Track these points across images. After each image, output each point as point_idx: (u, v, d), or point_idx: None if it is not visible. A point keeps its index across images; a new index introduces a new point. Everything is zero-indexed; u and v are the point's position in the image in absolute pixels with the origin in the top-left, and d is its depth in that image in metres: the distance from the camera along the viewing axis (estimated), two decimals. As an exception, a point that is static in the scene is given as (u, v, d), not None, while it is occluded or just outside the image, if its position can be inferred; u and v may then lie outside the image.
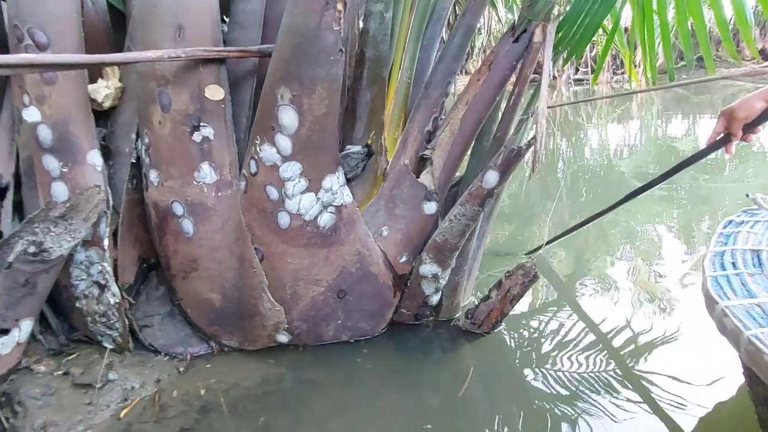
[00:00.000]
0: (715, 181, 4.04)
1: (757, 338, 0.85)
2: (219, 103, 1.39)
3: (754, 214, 1.39)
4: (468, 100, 1.46)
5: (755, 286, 1.03)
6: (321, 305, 1.56)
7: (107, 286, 1.41)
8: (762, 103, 1.33)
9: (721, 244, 1.25)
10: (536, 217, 3.23)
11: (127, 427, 1.32)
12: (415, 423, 1.38)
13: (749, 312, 0.94)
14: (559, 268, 2.41)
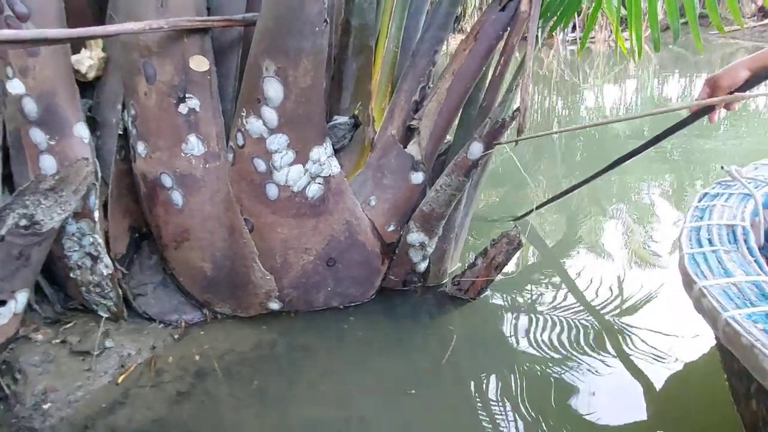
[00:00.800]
0: (709, 142, 4.06)
1: (734, 320, 0.86)
2: (204, 74, 1.38)
3: (728, 186, 1.39)
4: (454, 70, 1.46)
5: (731, 264, 1.03)
6: (311, 273, 1.60)
7: (99, 258, 1.44)
8: (746, 72, 1.34)
9: (696, 219, 1.25)
10: (528, 180, 3.25)
11: (125, 392, 1.37)
12: (403, 385, 1.44)
13: (726, 292, 0.94)
14: (549, 231, 2.46)
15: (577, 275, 2.03)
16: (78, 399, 1.33)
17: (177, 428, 1.28)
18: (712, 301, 0.92)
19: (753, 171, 1.45)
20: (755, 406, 0.96)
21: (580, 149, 4.05)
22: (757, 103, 5.87)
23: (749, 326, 0.82)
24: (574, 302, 1.84)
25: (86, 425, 1.27)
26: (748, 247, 1.08)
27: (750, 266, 1.01)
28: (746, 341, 0.80)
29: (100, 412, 1.31)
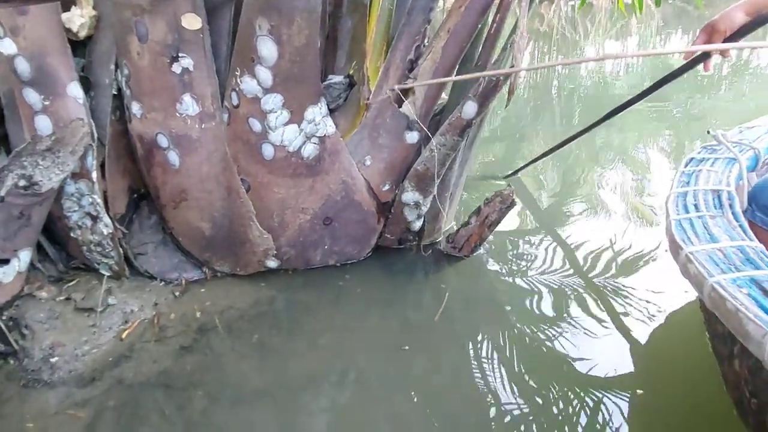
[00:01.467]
0: (710, 99, 4.05)
1: (720, 285, 0.88)
2: (197, 32, 1.37)
3: (714, 151, 1.40)
4: (449, 28, 1.45)
5: (717, 229, 1.05)
6: (308, 232, 1.63)
7: (99, 217, 1.46)
8: (742, 15, 1.29)
9: (683, 184, 1.26)
10: (527, 139, 3.25)
11: (129, 346, 1.42)
12: (399, 338, 1.49)
13: (712, 257, 0.96)
14: (546, 189, 2.48)
15: (570, 232, 2.07)
16: (85, 353, 1.38)
17: (182, 379, 1.34)
18: (698, 267, 0.94)
19: (738, 135, 1.46)
20: (737, 367, 0.98)
21: (579, 106, 4.03)
22: (759, 60, 5.80)
23: (734, 291, 0.85)
24: (567, 259, 1.88)
25: (94, 377, 1.33)
26: (733, 212, 1.10)
27: (735, 231, 1.03)
28: (731, 306, 0.82)
29: (106, 365, 1.36)
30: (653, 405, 1.25)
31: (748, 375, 0.94)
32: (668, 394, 1.27)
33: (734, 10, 1.31)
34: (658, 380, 1.32)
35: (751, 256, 0.95)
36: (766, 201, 1.18)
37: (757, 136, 1.43)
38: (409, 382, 1.35)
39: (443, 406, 1.27)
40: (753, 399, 0.94)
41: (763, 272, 0.88)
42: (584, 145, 2.89)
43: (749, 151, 1.34)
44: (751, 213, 1.21)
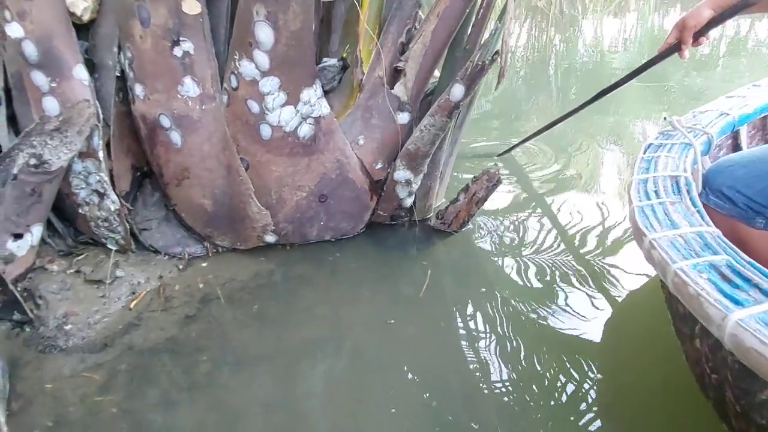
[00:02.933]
0: (707, 77, 4.10)
1: (682, 270, 0.91)
2: (197, 17, 1.43)
3: (670, 136, 1.44)
4: (439, 12, 1.51)
5: (677, 215, 1.09)
6: (304, 208, 1.71)
7: (106, 194, 1.54)
8: (709, 11, 1.40)
9: (643, 171, 1.30)
10: (524, 116, 3.31)
11: (138, 315, 1.52)
12: (392, 309, 1.59)
13: (673, 243, 0.99)
14: (540, 166, 2.56)
15: (562, 210, 2.15)
16: (96, 321, 1.48)
17: (188, 345, 1.43)
18: (661, 253, 0.98)
19: (692, 120, 1.52)
20: (698, 345, 1.03)
21: (577, 83, 4.08)
22: (757, 37, 5.83)
23: (695, 276, 0.89)
24: (556, 235, 1.97)
25: (106, 344, 1.42)
26: (691, 198, 1.15)
27: (693, 217, 1.08)
28: (693, 290, 0.87)
29: (117, 333, 1.45)
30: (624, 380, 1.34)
31: (708, 353, 0.98)
32: (635, 366, 1.37)
33: (702, 6, 1.40)
34: (632, 352, 1.41)
35: (709, 241, 0.99)
36: (718, 185, 1.23)
37: (710, 121, 1.49)
38: (400, 349, 1.44)
39: (433, 372, 1.36)
40: (713, 375, 0.99)
41: (721, 257, 0.93)
42: (581, 123, 2.96)
43: (703, 135, 1.41)
44: (705, 196, 1.26)
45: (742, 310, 0.79)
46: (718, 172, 1.27)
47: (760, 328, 0.75)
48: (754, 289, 0.85)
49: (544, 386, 1.31)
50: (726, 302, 0.82)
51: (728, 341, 0.79)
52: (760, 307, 0.80)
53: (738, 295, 0.84)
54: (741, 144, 1.74)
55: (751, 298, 0.82)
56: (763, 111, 1.66)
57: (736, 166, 1.25)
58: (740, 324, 0.77)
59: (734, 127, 1.57)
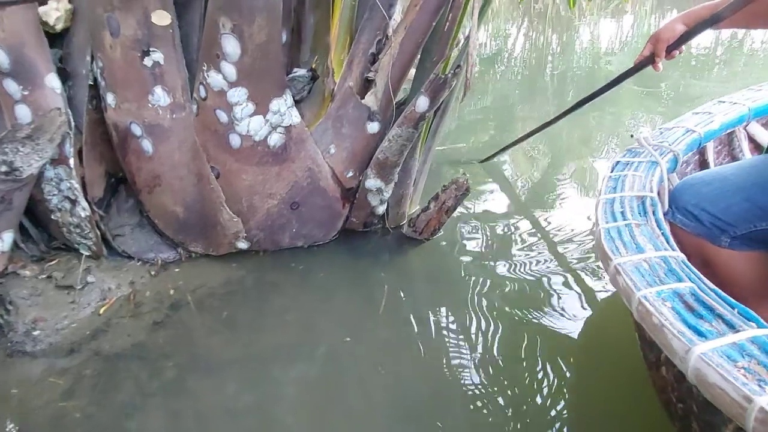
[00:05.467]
0: (703, 80, 4.14)
1: (646, 298, 0.89)
2: (166, 28, 1.45)
3: (637, 154, 1.44)
4: (406, 25, 1.53)
5: (642, 238, 1.07)
6: (276, 216, 1.73)
7: (77, 201, 1.56)
8: (682, 26, 1.42)
9: (610, 190, 1.28)
10: (518, 119, 3.34)
11: (107, 321, 1.54)
12: (363, 314, 1.60)
13: (638, 268, 0.97)
14: (530, 169, 2.58)
15: (540, 216, 2.17)
16: (64, 327, 1.50)
17: (154, 352, 1.45)
18: (626, 279, 0.95)
19: (659, 137, 1.53)
20: (665, 373, 1.02)
21: (573, 87, 4.12)
22: (753, 40, 5.87)
23: (659, 305, 0.87)
24: (533, 242, 1.98)
25: (72, 349, 1.44)
26: (656, 219, 1.13)
27: (658, 240, 1.06)
28: (656, 320, 0.85)
29: (84, 338, 1.47)
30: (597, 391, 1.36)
31: (674, 382, 0.97)
32: (603, 377, 1.39)
33: (674, 21, 1.43)
34: (601, 361, 1.43)
35: (673, 267, 0.97)
36: (684, 203, 1.23)
37: (676, 138, 1.50)
38: (370, 355, 1.46)
39: (403, 378, 1.38)
40: (679, 404, 0.98)
41: (685, 284, 0.92)
42: (577, 125, 3.00)
43: (669, 153, 1.41)
44: (671, 214, 1.26)
45: (705, 343, 0.78)
46: (684, 190, 1.26)
47: (722, 363, 0.74)
48: (717, 319, 0.83)
49: (515, 392, 1.33)
50: (689, 334, 0.80)
51: (691, 375, 0.77)
52: (722, 339, 0.78)
53: (701, 326, 0.82)
54: (708, 160, 1.76)
55: (714, 330, 0.81)
56: (729, 127, 1.68)
57: (701, 184, 1.24)
58: (703, 358, 0.75)
59: (700, 144, 1.59)
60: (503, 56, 5.43)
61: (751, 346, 0.77)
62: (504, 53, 5.60)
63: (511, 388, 1.34)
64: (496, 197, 2.37)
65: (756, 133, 1.84)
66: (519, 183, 2.51)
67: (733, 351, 0.76)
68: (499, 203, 2.32)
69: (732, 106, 1.73)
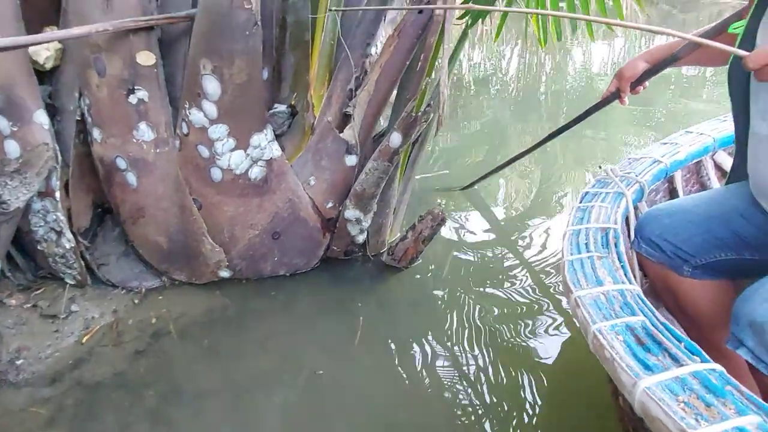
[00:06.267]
0: (695, 100, 4.23)
1: (600, 332, 0.91)
2: (151, 67, 1.52)
3: (606, 184, 1.49)
4: (381, 63, 1.60)
5: (602, 271, 1.09)
6: (257, 246, 1.78)
7: (62, 232, 1.61)
8: (644, 64, 1.49)
9: (578, 221, 1.30)
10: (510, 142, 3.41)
11: (89, 350, 1.58)
12: (343, 341, 1.64)
13: (596, 301, 0.99)
14: (509, 196, 2.63)
15: (520, 241, 2.22)
16: (47, 356, 1.53)
17: (135, 380, 1.49)
18: (584, 312, 0.98)
19: (627, 167, 1.59)
20: (621, 402, 1.05)
21: (566, 108, 4.20)
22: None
23: (612, 339, 0.90)
24: (511, 267, 2.03)
25: (55, 378, 1.48)
26: (617, 252, 1.16)
27: (617, 273, 1.09)
28: (608, 354, 0.88)
29: (66, 368, 1.51)
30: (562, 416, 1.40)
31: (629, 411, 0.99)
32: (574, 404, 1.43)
33: (637, 59, 1.51)
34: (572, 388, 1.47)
35: (628, 300, 1.00)
36: (648, 233, 1.27)
37: (643, 169, 1.55)
38: (350, 382, 1.50)
39: (384, 404, 1.42)
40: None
41: (637, 318, 0.95)
42: (570, 147, 3.07)
43: (635, 184, 1.47)
44: (637, 244, 1.30)
45: (650, 377, 0.81)
46: (648, 222, 1.30)
47: (664, 398, 0.77)
48: (663, 353, 0.86)
49: (492, 416, 1.37)
50: (636, 368, 0.83)
51: (637, 407, 0.80)
52: (667, 374, 0.81)
53: (649, 359, 0.85)
54: (677, 188, 1.82)
55: (660, 364, 0.84)
56: (695, 157, 1.74)
57: (664, 216, 1.29)
58: (647, 392, 0.78)
59: (667, 174, 1.65)
60: (498, 77, 5.54)
61: (692, 380, 0.81)
62: (499, 74, 5.71)
63: (489, 412, 1.38)
64: (476, 224, 2.42)
65: (723, 162, 1.90)
66: (500, 209, 2.56)
67: (676, 385, 0.80)
68: (480, 230, 2.37)
69: (698, 136, 1.80)
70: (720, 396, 0.78)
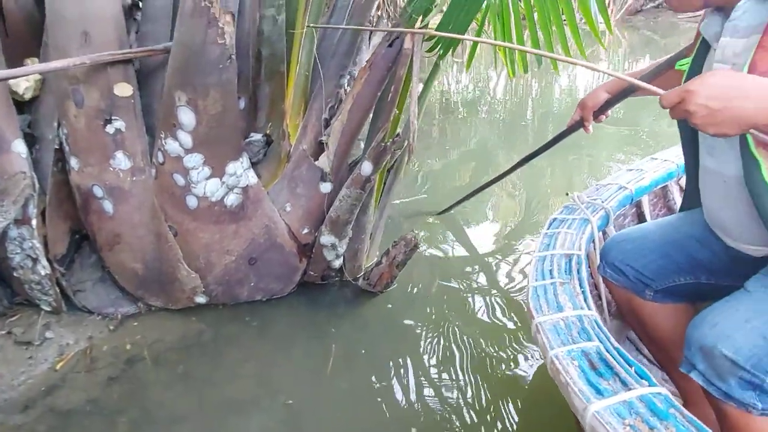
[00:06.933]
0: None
1: (557, 357, 0.93)
2: (128, 98, 1.56)
3: (573, 210, 1.52)
4: (354, 94, 1.66)
5: (563, 297, 1.11)
6: (234, 271, 1.81)
7: (38, 260, 1.62)
8: (605, 94, 1.55)
9: (544, 247, 1.33)
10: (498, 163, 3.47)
11: (62, 377, 1.58)
12: (318, 366, 1.66)
13: (556, 327, 1.01)
14: (485, 219, 2.67)
15: (499, 265, 2.24)
16: (21, 383, 1.54)
17: (108, 407, 1.50)
18: (543, 338, 1.01)
19: (594, 193, 1.63)
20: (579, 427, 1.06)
21: (552, 129, 4.29)
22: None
23: (567, 364, 0.93)
24: (487, 291, 2.06)
25: (27, 405, 1.48)
26: (579, 278, 1.20)
27: (577, 299, 1.12)
28: (563, 379, 0.91)
29: (39, 394, 1.51)
30: None
31: None
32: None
33: (599, 90, 1.57)
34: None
35: (585, 325, 1.03)
36: (612, 259, 1.30)
37: (609, 195, 1.60)
38: (325, 406, 1.51)
39: (360, 428, 1.43)
40: None
41: (592, 344, 0.98)
42: (554, 168, 3.13)
43: (601, 210, 1.52)
44: (602, 269, 1.33)
45: (600, 401, 0.83)
46: (612, 247, 1.34)
47: (612, 421, 0.80)
48: (614, 377, 0.89)
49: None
50: (588, 393, 0.86)
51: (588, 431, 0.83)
52: (616, 398, 0.84)
53: (600, 384, 0.88)
54: (644, 212, 1.87)
55: (610, 388, 0.87)
56: (659, 183, 1.79)
57: (626, 242, 1.32)
58: (596, 416, 0.81)
59: (632, 200, 1.70)
60: (486, 100, 5.65)
61: (638, 403, 0.85)
62: (487, 96, 5.83)
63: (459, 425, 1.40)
64: (453, 249, 2.45)
65: None
66: (478, 233, 2.60)
67: (624, 408, 0.83)
68: (457, 255, 2.40)
69: (663, 162, 1.85)
70: (663, 419, 0.81)
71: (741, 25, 0.91)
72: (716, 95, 0.77)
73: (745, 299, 0.98)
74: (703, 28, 1.05)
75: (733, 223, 1.10)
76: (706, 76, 0.79)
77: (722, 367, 0.92)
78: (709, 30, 1.03)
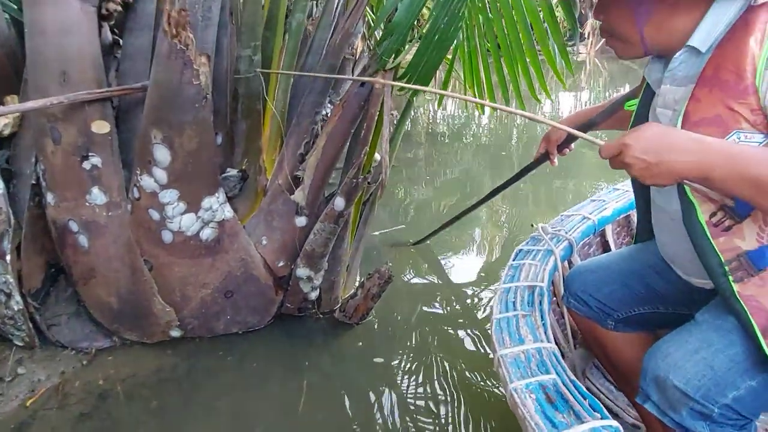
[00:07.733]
0: None
1: (516, 391, 0.95)
2: (105, 135, 1.59)
3: (538, 241, 1.56)
4: (328, 131, 1.70)
5: (524, 329, 1.13)
6: (210, 304, 1.81)
7: (12, 295, 1.62)
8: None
9: (509, 279, 1.34)
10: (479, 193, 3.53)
11: (33, 413, 1.56)
12: (294, 398, 1.65)
13: (516, 360, 1.03)
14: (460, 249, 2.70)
15: (475, 295, 2.28)
16: (-11, 421, 1.52)
17: (78, 445, 1.48)
18: (504, 371, 1.01)
19: (559, 223, 1.68)
20: None
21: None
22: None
23: (525, 397, 0.93)
24: (463, 321, 2.08)
25: (-5, 444, 1.46)
26: (541, 310, 1.22)
27: (537, 331, 1.14)
28: (521, 413, 0.92)
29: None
30: None
31: None
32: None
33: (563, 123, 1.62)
34: None
35: (544, 358, 1.05)
36: (575, 289, 1.34)
37: (573, 226, 1.65)
38: None
39: None
40: None
41: (549, 377, 0.99)
42: (542, 193, 3.17)
43: (564, 241, 1.56)
44: (566, 299, 1.37)
45: None
46: (574, 278, 1.37)
47: None
48: (569, 410, 0.91)
49: None
50: (543, 426, 0.88)
51: None
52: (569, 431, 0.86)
53: (556, 417, 0.89)
54: (609, 241, 1.92)
55: (564, 421, 0.88)
56: (621, 212, 1.85)
57: (588, 272, 1.36)
58: None
59: (595, 230, 1.74)
60: (471, 128, 5.75)
61: None
62: (472, 124, 5.93)
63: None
64: (432, 278, 2.48)
65: None
66: (456, 263, 2.63)
67: None
68: (434, 285, 2.43)
69: (625, 192, 1.91)
70: None
71: (678, 74, 0.97)
72: (650, 149, 0.82)
73: (694, 330, 1.02)
74: (647, 73, 1.10)
75: (682, 258, 1.14)
76: (641, 130, 0.84)
77: (674, 398, 0.95)
78: (652, 75, 1.09)
